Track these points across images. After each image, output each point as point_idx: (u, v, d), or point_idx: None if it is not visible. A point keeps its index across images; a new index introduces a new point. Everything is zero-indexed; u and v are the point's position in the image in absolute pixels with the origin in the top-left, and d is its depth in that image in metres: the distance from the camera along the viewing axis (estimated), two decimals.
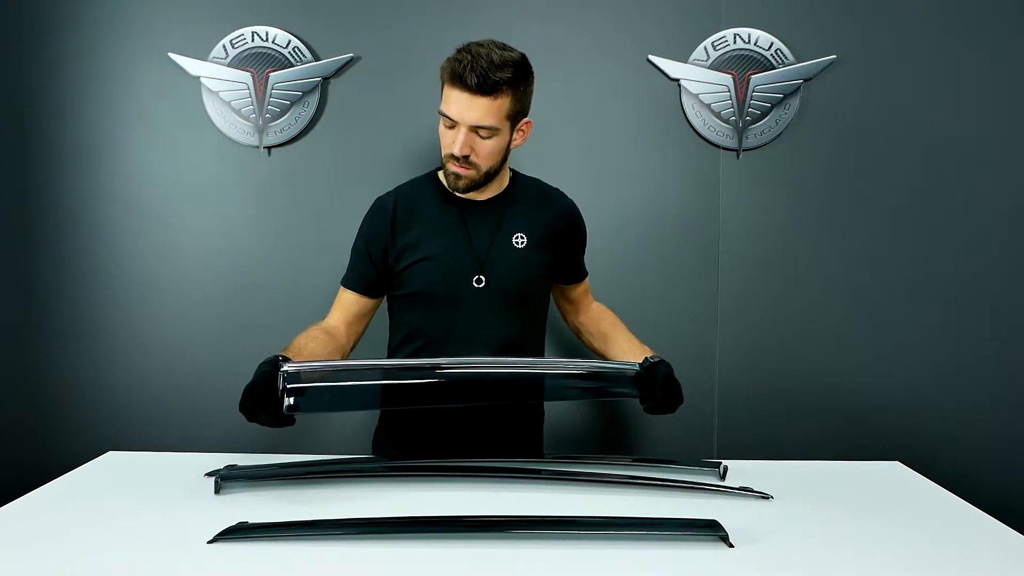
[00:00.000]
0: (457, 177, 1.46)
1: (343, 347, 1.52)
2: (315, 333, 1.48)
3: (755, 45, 2.07)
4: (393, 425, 1.62)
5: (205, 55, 2.06)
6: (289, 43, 2.06)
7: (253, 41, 2.06)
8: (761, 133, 2.09)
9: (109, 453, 1.48)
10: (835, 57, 2.06)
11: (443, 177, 1.53)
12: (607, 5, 2.09)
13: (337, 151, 2.10)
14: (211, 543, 1.02)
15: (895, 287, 2.12)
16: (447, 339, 1.51)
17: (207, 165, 2.10)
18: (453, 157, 1.43)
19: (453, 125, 1.41)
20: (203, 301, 2.12)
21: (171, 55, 2.05)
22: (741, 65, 2.07)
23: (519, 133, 1.49)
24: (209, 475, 1.29)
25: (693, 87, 2.08)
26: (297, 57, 2.07)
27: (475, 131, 1.41)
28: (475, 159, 1.44)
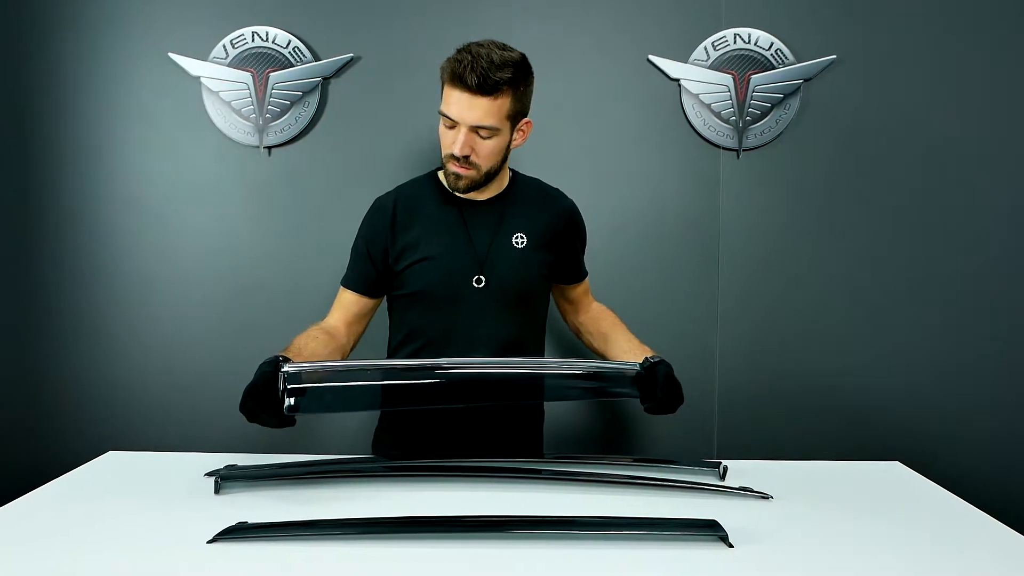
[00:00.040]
0: (457, 177, 1.46)
1: (343, 347, 1.53)
2: (315, 333, 1.48)
3: (755, 45, 2.07)
4: (393, 425, 1.62)
5: (205, 55, 2.06)
6: (289, 43, 2.06)
7: (253, 41, 2.06)
8: (761, 133, 2.09)
9: (109, 453, 1.48)
10: (835, 57, 2.06)
11: (443, 177, 1.53)
12: (607, 5, 2.09)
13: (337, 151, 2.10)
14: (211, 543, 1.02)
15: (895, 287, 2.12)
16: (447, 339, 1.51)
17: (207, 165, 2.10)
18: (453, 157, 1.43)
19: (453, 125, 1.41)
20: (203, 301, 2.12)
21: (171, 55, 2.06)
22: (741, 65, 2.07)
23: (519, 133, 1.49)
24: (209, 475, 1.29)
25: (693, 87, 2.08)
26: (297, 57, 2.07)
27: (475, 131, 1.41)
28: (475, 159, 1.44)
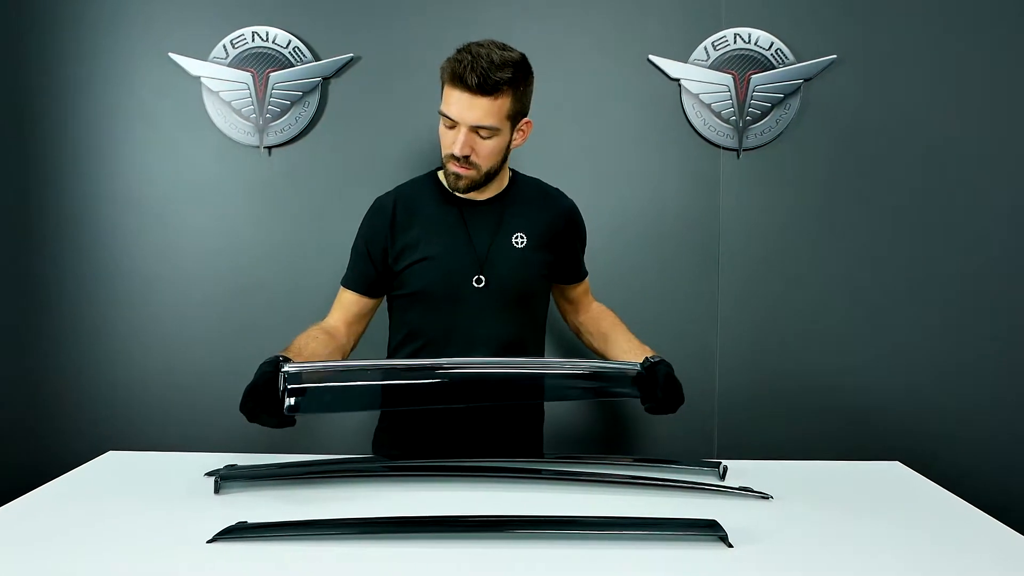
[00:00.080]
0: (457, 177, 1.46)
1: (343, 347, 1.52)
2: (315, 333, 1.48)
3: (755, 45, 2.07)
4: (393, 425, 1.62)
5: (205, 55, 2.06)
6: (289, 43, 2.06)
7: (253, 41, 2.06)
8: (761, 133, 2.09)
9: (109, 453, 1.48)
10: (835, 57, 2.06)
11: (443, 177, 1.53)
12: (607, 5, 2.09)
13: (337, 151, 2.10)
14: (210, 543, 1.02)
15: (895, 287, 2.12)
16: (447, 339, 1.51)
17: (207, 165, 2.10)
18: (453, 157, 1.43)
19: (453, 125, 1.41)
20: (203, 301, 2.12)
21: (171, 55, 2.06)
22: (741, 65, 2.07)
23: (519, 133, 1.49)
24: (209, 475, 1.29)
25: (693, 87, 2.08)
26: (297, 57, 2.07)
27: (475, 131, 1.41)
28: (475, 159, 1.44)
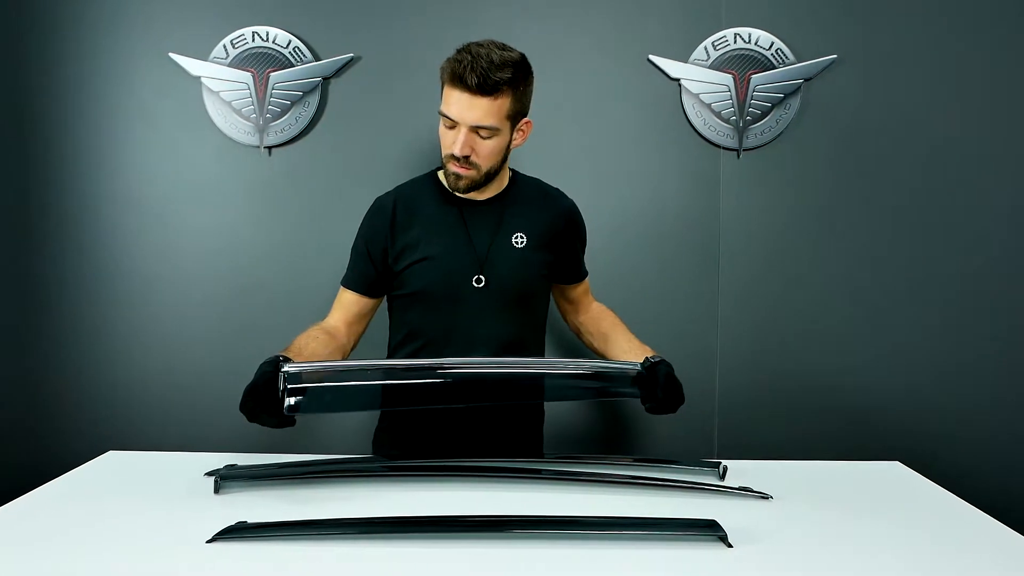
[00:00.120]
0: (458, 177, 1.46)
1: (344, 347, 1.52)
2: (315, 333, 1.48)
3: (755, 45, 2.07)
4: (393, 425, 1.62)
5: (206, 55, 2.06)
6: (289, 43, 2.06)
7: (253, 41, 2.06)
8: (761, 133, 2.09)
9: (109, 453, 1.48)
10: (835, 57, 2.06)
11: (443, 177, 1.53)
12: (607, 5, 2.09)
13: (337, 151, 2.10)
14: (210, 543, 1.02)
15: (895, 287, 2.12)
16: (447, 339, 1.51)
17: (208, 165, 2.10)
18: (454, 157, 1.43)
19: (453, 125, 1.41)
20: (203, 301, 2.12)
21: (172, 55, 2.06)
22: (741, 65, 2.07)
23: (519, 133, 1.49)
24: (209, 475, 1.29)
25: (693, 87, 2.08)
26: (297, 57, 2.07)
27: (475, 131, 1.41)
28: (475, 159, 1.44)
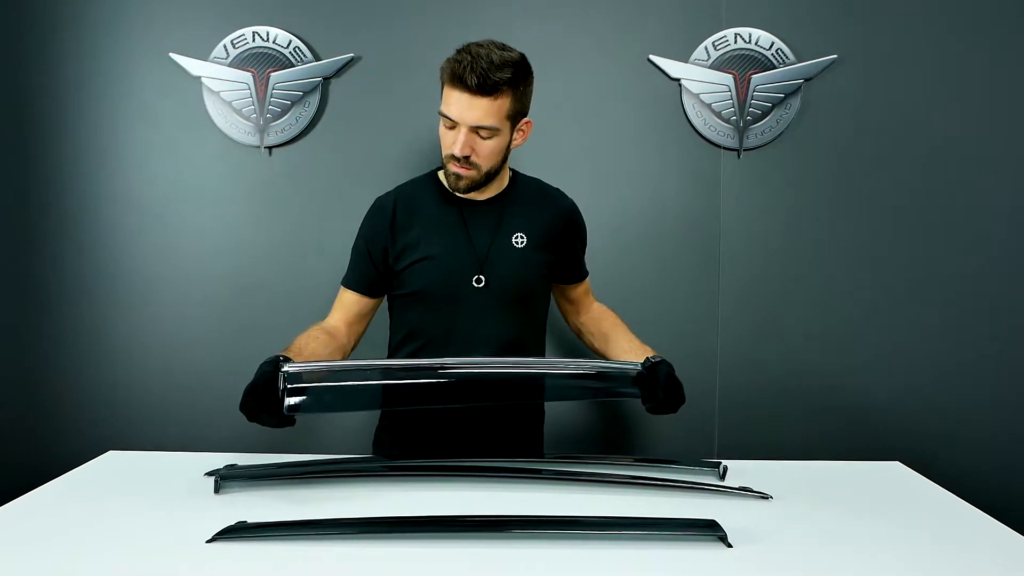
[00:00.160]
0: (458, 177, 1.46)
1: (344, 347, 1.52)
2: (316, 333, 1.48)
3: (756, 45, 2.07)
4: (394, 425, 1.62)
5: (206, 55, 2.06)
6: (290, 43, 2.06)
7: (254, 41, 2.06)
8: (762, 133, 2.09)
9: (109, 453, 1.48)
10: (836, 57, 2.06)
11: (443, 177, 1.53)
12: (607, 5, 2.09)
13: (337, 151, 2.10)
14: (210, 542, 1.02)
15: (895, 287, 2.12)
16: (447, 339, 1.51)
17: (208, 165, 2.10)
18: (454, 158, 1.43)
19: (453, 125, 1.41)
20: (203, 301, 2.12)
21: (172, 55, 2.06)
22: (742, 65, 2.07)
23: (519, 133, 1.49)
24: (209, 475, 1.29)
25: (694, 87, 2.08)
26: (298, 57, 2.07)
27: (475, 131, 1.41)
28: (476, 159, 1.44)
